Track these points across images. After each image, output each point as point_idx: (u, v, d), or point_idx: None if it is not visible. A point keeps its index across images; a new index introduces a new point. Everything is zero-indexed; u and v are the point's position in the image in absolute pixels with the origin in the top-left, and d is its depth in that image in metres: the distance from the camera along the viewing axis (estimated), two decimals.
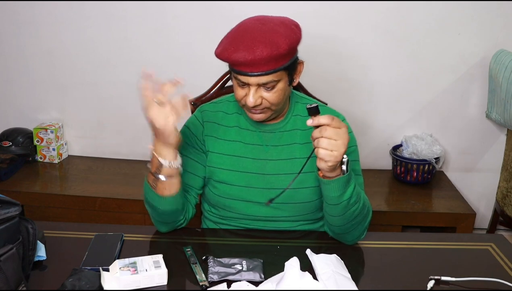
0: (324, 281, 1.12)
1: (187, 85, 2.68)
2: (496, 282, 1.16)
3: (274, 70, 1.24)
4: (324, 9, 2.38)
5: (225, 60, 1.26)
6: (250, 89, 1.27)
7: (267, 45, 1.20)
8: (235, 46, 1.22)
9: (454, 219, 2.26)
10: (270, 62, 1.22)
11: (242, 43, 1.22)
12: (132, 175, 2.52)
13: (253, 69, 1.23)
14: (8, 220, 1.05)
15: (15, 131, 2.56)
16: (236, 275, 1.15)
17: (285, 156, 1.39)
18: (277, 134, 1.40)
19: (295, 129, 1.41)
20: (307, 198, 1.39)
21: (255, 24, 1.25)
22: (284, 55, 1.23)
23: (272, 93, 1.28)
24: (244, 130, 1.41)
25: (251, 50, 1.20)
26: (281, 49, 1.21)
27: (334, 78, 2.49)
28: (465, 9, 2.37)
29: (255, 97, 1.27)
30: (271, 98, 1.28)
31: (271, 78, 1.25)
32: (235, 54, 1.21)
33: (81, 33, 2.50)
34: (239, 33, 1.25)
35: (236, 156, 1.39)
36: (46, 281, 1.14)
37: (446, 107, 2.55)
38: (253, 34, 1.22)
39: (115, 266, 1.14)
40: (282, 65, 1.24)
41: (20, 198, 2.14)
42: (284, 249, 1.30)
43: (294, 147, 1.40)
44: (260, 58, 1.20)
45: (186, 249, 1.26)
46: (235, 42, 1.23)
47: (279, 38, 1.22)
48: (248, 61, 1.21)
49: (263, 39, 1.21)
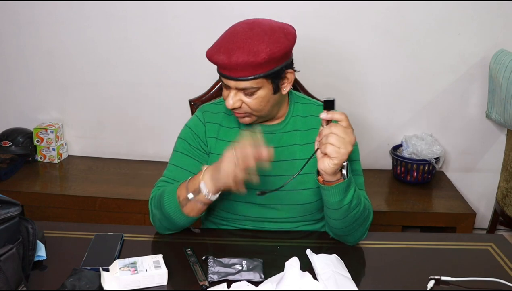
0: (324, 281, 1.12)
1: (187, 85, 2.70)
2: (496, 282, 1.16)
3: (253, 77, 1.24)
4: (324, 9, 2.38)
5: (210, 60, 1.27)
6: (230, 92, 1.28)
7: (244, 52, 1.20)
8: (217, 49, 1.25)
9: (454, 219, 2.26)
10: (246, 69, 1.22)
11: (223, 46, 1.24)
12: (132, 175, 2.52)
13: (231, 73, 1.24)
14: (8, 220, 1.05)
15: (15, 131, 2.56)
16: (236, 275, 1.15)
17: (286, 157, 1.39)
18: (277, 135, 1.40)
19: (294, 130, 1.41)
20: (308, 199, 1.38)
21: (243, 28, 1.25)
22: (262, 64, 1.22)
23: (252, 99, 1.28)
24: (244, 131, 1.41)
25: (229, 54, 1.22)
26: (259, 58, 1.20)
27: (334, 78, 2.49)
28: (465, 9, 2.37)
29: (233, 100, 1.28)
30: (251, 104, 1.29)
31: (249, 85, 1.25)
32: (215, 56, 1.24)
33: (81, 33, 2.50)
34: (226, 35, 1.26)
35: None
36: (46, 281, 1.14)
37: (446, 107, 2.55)
38: (236, 38, 1.23)
39: (115, 266, 1.14)
40: (260, 73, 1.24)
41: (20, 198, 2.14)
42: (284, 249, 1.30)
43: (294, 147, 1.39)
44: (235, 64, 1.21)
45: (186, 249, 1.26)
46: (219, 44, 1.25)
47: (260, 46, 1.21)
48: (225, 65, 1.23)
49: (243, 45, 1.21)
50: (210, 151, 1.41)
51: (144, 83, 2.56)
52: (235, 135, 1.40)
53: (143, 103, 2.60)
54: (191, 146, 1.41)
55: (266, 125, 1.40)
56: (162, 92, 2.56)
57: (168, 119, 2.59)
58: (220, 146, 1.40)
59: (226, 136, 1.41)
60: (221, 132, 1.42)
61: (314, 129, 1.39)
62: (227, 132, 1.41)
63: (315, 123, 1.40)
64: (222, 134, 1.41)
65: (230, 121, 1.42)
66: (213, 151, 1.41)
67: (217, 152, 1.40)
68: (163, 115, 2.60)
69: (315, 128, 1.37)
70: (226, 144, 1.39)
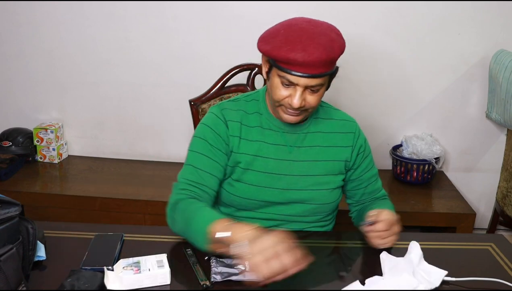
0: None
1: (187, 85, 2.70)
2: (496, 282, 1.16)
3: (326, 74, 1.25)
4: (324, 9, 2.38)
5: (277, 58, 1.23)
6: (296, 91, 1.26)
7: (326, 48, 1.21)
8: (291, 45, 1.21)
9: (454, 219, 2.26)
10: (324, 65, 1.23)
11: (300, 43, 1.21)
12: (132, 175, 2.52)
13: (307, 70, 1.22)
14: (8, 220, 1.05)
15: (15, 131, 2.56)
16: (239, 275, 1.15)
17: (309, 157, 1.39)
18: (301, 136, 1.40)
19: (318, 132, 1.41)
20: (326, 200, 1.40)
21: (307, 25, 1.24)
22: (336, 60, 1.26)
23: (315, 97, 1.28)
24: (267, 130, 1.39)
25: (309, 51, 1.20)
26: (335, 54, 1.23)
27: (334, 78, 2.48)
28: (465, 9, 2.37)
29: (301, 99, 1.26)
30: (313, 101, 1.29)
31: (319, 82, 1.25)
32: (292, 54, 1.20)
33: (81, 33, 2.50)
34: (294, 32, 1.23)
35: (259, 156, 1.37)
36: (46, 281, 1.14)
37: (446, 107, 2.55)
38: (310, 35, 1.21)
39: (119, 266, 1.14)
40: (331, 69, 1.26)
41: (20, 198, 2.13)
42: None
43: (317, 149, 1.40)
44: (318, 60, 1.20)
45: (186, 250, 1.26)
46: (291, 41, 1.21)
47: (333, 42, 1.23)
48: (305, 62, 1.20)
49: (321, 41, 1.21)
50: (233, 150, 1.37)
51: (144, 83, 2.56)
52: (256, 135, 1.38)
53: (143, 103, 2.60)
54: (212, 146, 1.35)
55: (289, 125, 1.39)
56: (162, 92, 2.56)
57: (168, 119, 2.59)
58: (243, 145, 1.37)
59: (248, 136, 1.38)
60: (243, 131, 1.38)
61: (335, 133, 1.43)
62: (249, 131, 1.38)
63: (336, 127, 1.43)
64: (244, 133, 1.38)
65: (250, 120, 1.40)
66: (235, 150, 1.37)
67: (241, 151, 1.37)
68: (163, 115, 2.60)
69: (337, 133, 1.42)
70: (247, 143, 1.37)
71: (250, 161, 1.37)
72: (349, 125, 1.45)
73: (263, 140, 1.38)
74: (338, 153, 1.41)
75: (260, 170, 1.37)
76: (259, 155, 1.37)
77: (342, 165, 1.42)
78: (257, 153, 1.37)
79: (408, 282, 1.11)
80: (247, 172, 1.37)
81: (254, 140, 1.38)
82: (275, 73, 1.27)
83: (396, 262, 1.18)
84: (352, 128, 1.45)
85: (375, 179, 1.49)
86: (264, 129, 1.39)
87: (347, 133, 1.43)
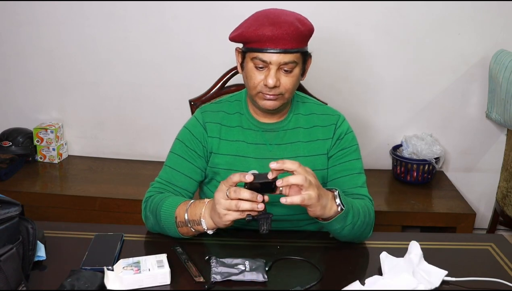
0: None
1: (187, 85, 2.70)
2: (496, 282, 1.16)
3: (297, 50, 1.26)
4: (324, 9, 2.38)
5: (247, 37, 1.26)
6: (270, 70, 1.28)
7: (293, 23, 1.24)
8: (260, 23, 1.25)
9: (454, 219, 2.26)
10: (295, 40, 1.25)
11: (267, 20, 1.25)
12: (132, 175, 2.52)
13: (278, 45, 1.24)
14: (8, 220, 1.05)
15: (15, 131, 2.56)
16: (239, 275, 1.15)
17: (289, 154, 1.39)
18: (280, 133, 1.41)
19: (297, 127, 1.41)
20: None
21: (274, 10, 1.29)
22: (307, 36, 1.28)
23: (290, 78, 1.29)
24: (247, 130, 1.41)
25: (278, 25, 1.23)
26: (304, 29, 1.26)
27: (334, 78, 2.49)
28: (465, 9, 2.37)
29: (275, 78, 1.27)
30: (287, 83, 1.29)
31: (292, 58, 1.27)
32: (261, 29, 1.24)
33: (81, 33, 2.50)
34: (261, 14, 1.28)
35: (239, 155, 1.39)
36: (46, 281, 1.14)
37: (446, 107, 2.55)
38: (277, 15, 1.26)
39: (119, 266, 1.14)
40: (303, 46, 1.29)
41: (20, 198, 2.14)
42: (284, 249, 1.30)
43: (298, 145, 1.40)
44: (287, 33, 1.23)
45: (175, 248, 1.26)
46: (259, 20, 1.26)
47: (300, 21, 1.27)
48: (275, 36, 1.23)
49: (289, 17, 1.26)
50: (212, 151, 1.41)
51: (144, 83, 2.56)
52: (237, 135, 1.40)
53: (143, 103, 2.60)
54: (189, 148, 1.40)
55: (268, 123, 1.41)
56: (162, 92, 2.56)
57: (168, 119, 2.59)
58: (223, 146, 1.40)
59: (228, 136, 1.41)
60: (223, 132, 1.41)
61: (316, 127, 1.41)
62: (229, 131, 1.41)
63: (318, 121, 1.42)
64: (224, 133, 1.41)
65: (231, 121, 1.42)
66: (215, 151, 1.40)
67: (219, 152, 1.40)
68: (163, 115, 2.60)
69: (318, 126, 1.41)
70: (228, 144, 1.40)
71: (231, 161, 1.39)
72: (331, 119, 1.43)
73: (243, 140, 1.40)
74: (319, 146, 1.40)
75: (242, 169, 1.37)
76: (239, 155, 1.39)
77: (325, 158, 1.41)
78: (237, 152, 1.39)
79: (408, 282, 1.11)
80: (230, 173, 1.37)
81: (234, 140, 1.40)
82: (248, 60, 1.31)
83: (396, 262, 1.19)
84: (334, 120, 1.42)
85: (354, 173, 1.40)
86: (245, 129, 1.41)
87: (328, 126, 1.42)
